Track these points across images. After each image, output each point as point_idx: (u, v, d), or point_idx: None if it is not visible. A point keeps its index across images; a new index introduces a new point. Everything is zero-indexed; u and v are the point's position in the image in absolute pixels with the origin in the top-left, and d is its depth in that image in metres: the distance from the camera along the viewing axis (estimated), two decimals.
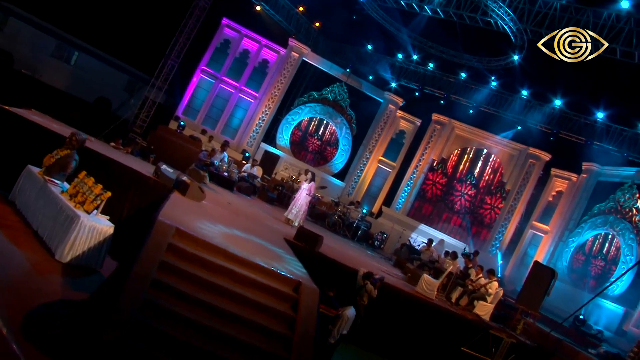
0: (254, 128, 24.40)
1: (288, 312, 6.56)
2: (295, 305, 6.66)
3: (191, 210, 8.63)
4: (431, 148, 25.39)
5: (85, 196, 7.75)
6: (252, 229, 9.94)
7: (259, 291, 6.63)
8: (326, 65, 25.29)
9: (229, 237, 7.80)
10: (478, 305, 13.04)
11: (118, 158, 10.36)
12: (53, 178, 8.43)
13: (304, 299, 6.69)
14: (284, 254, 8.51)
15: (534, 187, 23.10)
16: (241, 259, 6.86)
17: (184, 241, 6.52)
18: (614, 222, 18.80)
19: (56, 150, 8.62)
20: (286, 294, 6.82)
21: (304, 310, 6.54)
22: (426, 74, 25.52)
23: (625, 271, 15.80)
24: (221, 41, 23.84)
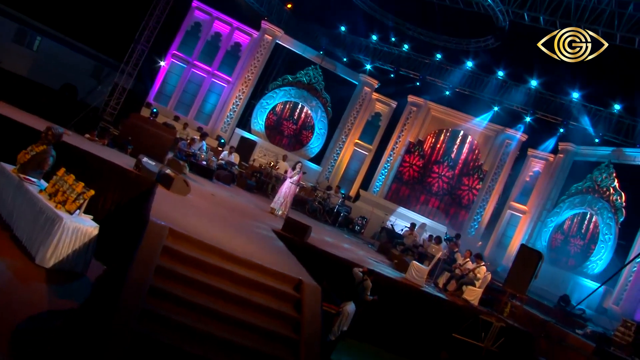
0: (228, 113, 23.81)
1: (291, 312, 6.28)
2: (298, 305, 6.39)
3: (179, 206, 8.22)
4: (407, 130, 25.26)
5: (67, 195, 7.26)
6: (241, 222, 9.59)
7: (259, 292, 6.33)
8: (300, 48, 24.77)
9: (221, 233, 7.44)
10: (467, 290, 13.04)
11: (96, 151, 9.82)
12: (29, 176, 7.88)
13: (307, 299, 6.42)
14: (277, 249, 8.20)
15: (511, 168, 23.25)
16: (238, 258, 6.53)
17: (178, 242, 6.14)
18: (592, 201, 19.07)
19: (31, 146, 8.05)
20: (287, 293, 6.53)
21: (308, 310, 6.27)
22: (401, 56, 25.25)
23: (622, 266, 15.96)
24: (192, 24, 23.05)
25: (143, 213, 6.73)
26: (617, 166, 18.93)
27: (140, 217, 6.63)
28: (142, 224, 6.14)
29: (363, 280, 8.85)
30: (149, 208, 6.69)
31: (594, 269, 17.71)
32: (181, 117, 22.66)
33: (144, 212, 6.59)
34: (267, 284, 6.46)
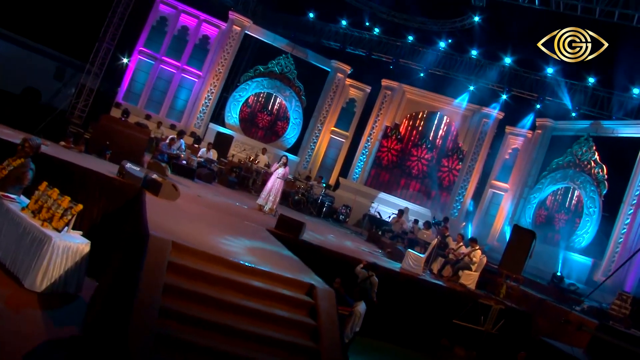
0: (201, 108, 23.16)
1: (307, 320, 5.96)
2: (313, 312, 6.07)
3: (171, 213, 7.77)
4: (383, 114, 25.05)
5: (52, 211, 6.74)
6: (235, 224, 9.20)
7: (271, 301, 5.99)
8: (270, 37, 24.21)
9: (220, 239, 7.05)
10: (463, 275, 12.94)
11: (75, 160, 9.25)
12: (8, 193, 7.31)
13: (322, 304, 6.11)
14: (279, 250, 7.86)
15: (490, 147, 23.28)
16: (245, 268, 6.16)
17: (182, 256, 5.73)
18: (573, 175, 19.21)
19: (7, 160, 7.46)
20: (300, 300, 6.21)
21: (324, 316, 5.96)
22: (372, 40, 24.89)
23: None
24: (157, 19, 22.21)
25: (139, 226, 6.27)
26: (597, 139, 19.10)
27: (137, 230, 6.18)
28: (141, 238, 5.70)
29: (369, 277, 8.57)
30: (144, 220, 6.24)
31: (581, 243, 17.87)
32: (153, 115, 21.93)
33: (140, 225, 6.14)
34: (278, 292, 6.11)
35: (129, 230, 7.40)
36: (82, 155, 11.31)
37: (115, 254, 6.95)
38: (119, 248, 7.02)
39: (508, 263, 13.39)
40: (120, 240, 7.51)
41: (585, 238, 17.92)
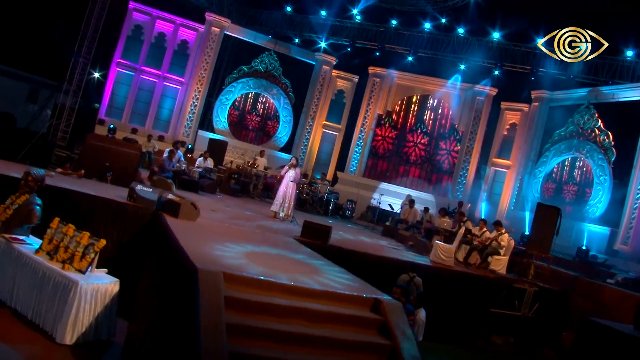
0: (187, 116, 22.31)
1: (380, 340, 5.33)
2: (385, 330, 5.44)
3: (198, 235, 7.04)
4: (374, 103, 24.46)
5: (72, 251, 5.97)
6: (262, 237, 8.49)
7: (339, 325, 5.33)
8: (250, 36, 23.41)
9: (260, 259, 6.36)
10: (492, 260, 12.41)
11: (78, 187, 8.43)
12: (15, 234, 6.51)
13: (393, 320, 5.47)
14: (322, 264, 7.17)
15: (487, 125, 22.83)
16: (303, 290, 5.49)
17: (236, 287, 5.03)
18: (578, 145, 18.84)
19: (10, 198, 6.65)
20: (368, 318, 5.56)
21: (399, 333, 5.33)
22: (354, 27, 24.20)
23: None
24: (132, 28, 21.25)
25: (175, 257, 5.53)
26: (598, 106, 18.73)
27: (176, 265, 5.44)
28: (186, 273, 4.98)
29: (411, 278, 8.00)
30: (182, 251, 5.50)
31: (595, 212, 17.52)
32: (139, 128, 20.99)
33: (180, 257, 5.40)
34: (343, 313, 5.45)
35: (155, 261, 6.65)
36: (83, 181, 10.45)
37: (149, 292, 6.21)
38: (151, 284, 6.28)
39: (536, 243, 12.94)
40: (148, 274, 6.75)
41: (599, 207, 17.57)
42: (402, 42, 23.59)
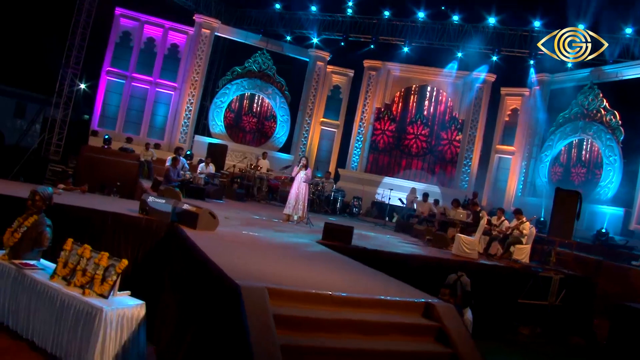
0: (182, 122, 21.73)
1: (439, 349, 4.91)
2: (442, 336, 5.01)
3: (226, 247, 6.56)
4: (371, 97, 23.97)
5: (90, 274, 5.45)
6: (286, 244, 8.02)
7: (394, 334, 4.91)
8: (241, 35, 22.86)
9: (294, 269, 5.91)
10: (515, 250, 12.03)
11: (86, 203, 7.90)
12: (26, 259, 5.98)
13: (449, 324, 5.04)
14: (357, 268, 6.72)
15: (487, 112, 22.42)
16: (352, 300, 5.04)
17: (282, 303, 4.56)
18: (585, 126, 18.49)
19: (17, 221, 6.12)
20: (423, 325, 5.14)
21: (459, 339, 4.91)
22: (346, 21, 23.71)
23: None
24: (120, 34, 20.60)
25: (211, 275, 5.04)
26: (602, 86, 18.38)
27: (211, 282, 4.96)
28: (226, 292, 4.49)
29: (459, 277, 7.62)
30: (214, 266, 5.02)
31: (607, 194, 17.18)
32: (133, 137, 20.33)
33: (213, 273, 4.92)
34: (396, 322, 5.01)
35: (180, 279, 6.16)
36: (88, 196, 9.90)
37: (179, 314, 5.71)
38: (180, 305, 5.78)
39: (557, 229, 12.57)
40: (172, 293, 6.26)
41: (611, 188, 17.23)
42: (396, 33, 23.15)
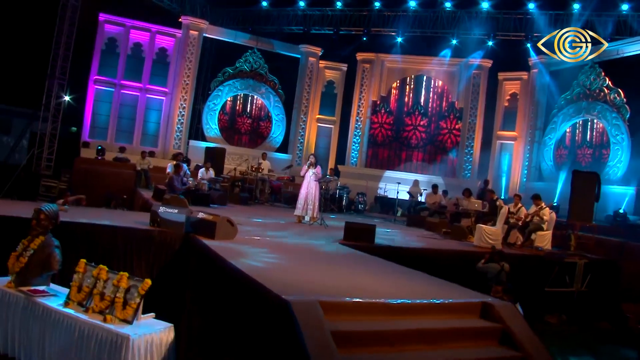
0: (176, 127, 21.13)
1: (508, 352, 4.45)
2: (506, 339, 4.57)
3: (255, 256, 6.03)
4: (367, 90, 23.52)
5: (110, 298, 4.91)
6: (310, 249, 7.52)
7: (458, 341, 4.46)
8: (230, 35, 22.28)
9: (331, 275, 5.42)
10: (537, 237, 11.60)
11: (94, 220, 7.33)
12: (34, 286, 5.42)
13: (514, 325, 4.59)
14: (393, 269, 6.23)
15: (486, 98, 22.02)
16: (404, 306, 4.56)
17: (337, 317, 4.07)
18: (588, 107, 18.14)
19: (21, 244, 5.55)
20: (485, 328, 4.67)
21: (526, 342, 4.45)
22: (335, 15, 23.18)
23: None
24: (106, 41, 19.94)
25: (248, 291, 4.52)
26: (603, 64, 18.03)
27: (250, 298, 4.44)
28: (273, 310, 3.98)
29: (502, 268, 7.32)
30: (249, 279, 4.50)
31: (617, 173, 16.84)
32: (126, 146, 19.70)
33: (251, 288, 4.40)
34: (455, 327, 4.54)
35: (207, 297, 5.62)
36: (91, 210, 9.30)
37: (215, 336, 5.18)
38: (215, 327, 5.24)
39: (577, 212, 12.19)
40: (199, 312, 5.72)
41: (620, 168, 16.91)
42: (388, 24, 22.70)
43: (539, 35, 20.21)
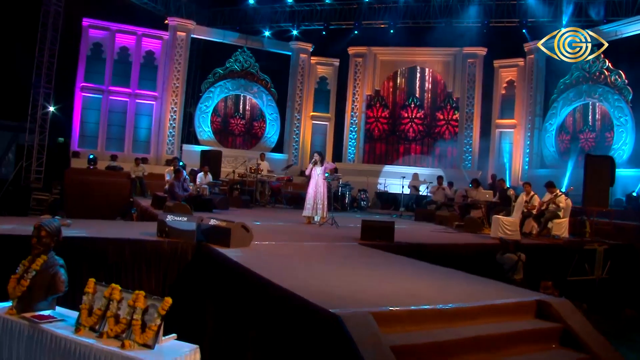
0: (168, 132, 20.55)
1: (575, 354, 4.02)
2: (568, 339, 4.16)
3: (280, 265, 5.55)
4: (360, 84, 23.08)
5: (126, 320, 4.37)
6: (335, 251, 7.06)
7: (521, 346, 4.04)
8: (218, 35, 21.75)
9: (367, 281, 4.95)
10: (554, 225, 11.21)
11: (97, 233, 6.80)
12: (39, 311, 4.87)
13: (575, 324, 4.18)
14: (427, 268, 5.78)
15: (482, 87, 21.66)
16: (457, 311, 4.12)
17: (392, 329, 3.62)
18: (589, 90, 17.85)
19: (21, 265, 4.97)
20: (545, 329, 4.26)
21: (592, 341, 4.05)
22: (325, 9, 22.76)
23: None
24: (91, 46, 19.29)
25: (287, 306, 4.02)
26: (602, 46, 17.72)
27: (290, 314, 3.95)
28: (321, 325, 3.50)
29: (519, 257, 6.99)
30: (286, 292, 4.01)
31: (622, 156, 16.54)
32: (118, 154, 19.07)
33: (291, 302, 3.91)
34: (514, 331, 4.11)
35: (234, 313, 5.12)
36: (88, 221, 8.74)
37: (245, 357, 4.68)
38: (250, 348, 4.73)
39: (592, 198, 11.81)
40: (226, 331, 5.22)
41: (626, 150, 16.63)
42: (379, 16, 22.31)
43: (533, 21, 19.96)
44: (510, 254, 8.23)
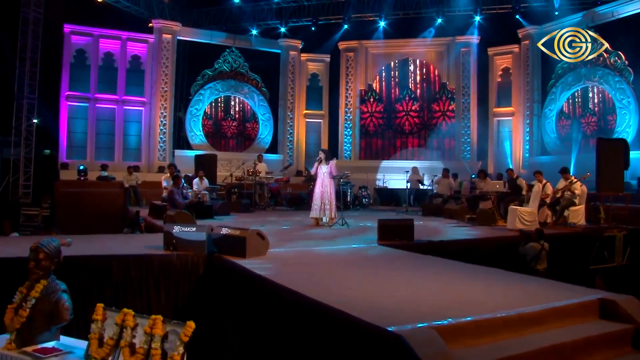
0: (158, 138, 19.95)
1: None
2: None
3: (310, 275, 5.05)
4: (353, 79, 22.65)
5: (143, 350, 3.85)
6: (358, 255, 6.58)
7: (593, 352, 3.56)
8: (205, 36, 21.17)
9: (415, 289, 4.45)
10: (570, 213, 10.82)
11: (99, 251, 6.25)
12: (42, 343, 4.33)
13: None
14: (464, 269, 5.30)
15: (478, 75, 21.27)
16: (523, 317, 3.67)
17: (458, 344, 3.14)
18: (588, 73, 17.51)
19: (18, 294, 4.42)
20: (615, 332, 3.79)
21: None
22: (312, 4, 22.22)
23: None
24: (74, 53, 18.62)
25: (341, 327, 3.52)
26: (598, 28, 17.38)
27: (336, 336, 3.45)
28: (379, 347, 3.01)
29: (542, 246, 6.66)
30: (331, 310, 3.52)
31: (627, 138, 16.10)
32: (108, 164, 18.41)
33: (342, 322, 3.41)
34: (582, 337, 3.65)
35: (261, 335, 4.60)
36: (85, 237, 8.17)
37: None
38: None
39: (606, 183, 11.40)
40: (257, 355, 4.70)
41: (630, 132, 16.29)
42: (369, 9, 21.85)
43: (526, 6, 19.60)
44: (533, 243, 7.85)
